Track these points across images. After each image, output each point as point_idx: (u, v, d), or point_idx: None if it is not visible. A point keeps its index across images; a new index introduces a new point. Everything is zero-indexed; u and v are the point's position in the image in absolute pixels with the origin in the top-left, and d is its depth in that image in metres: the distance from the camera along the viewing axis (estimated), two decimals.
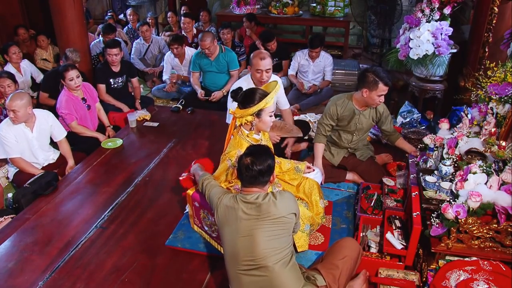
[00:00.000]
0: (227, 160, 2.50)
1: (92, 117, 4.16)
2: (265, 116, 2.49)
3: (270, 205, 1.97)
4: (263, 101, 2.42)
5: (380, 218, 2.72)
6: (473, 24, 4.22)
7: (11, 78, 4.10)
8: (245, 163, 2.01)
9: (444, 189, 2.41)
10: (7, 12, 6.30)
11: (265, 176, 2.03)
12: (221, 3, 8.14)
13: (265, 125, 2.54)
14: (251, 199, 2.00)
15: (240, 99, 2.47)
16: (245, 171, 2.02)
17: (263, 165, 2.00)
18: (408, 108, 4.23)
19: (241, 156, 2.06)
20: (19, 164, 3.39)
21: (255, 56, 3.18)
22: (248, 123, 2.49)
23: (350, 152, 3.37)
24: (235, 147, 2.51)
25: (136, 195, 3.17)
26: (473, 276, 2.13)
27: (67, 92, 3.94)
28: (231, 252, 2.01)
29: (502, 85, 2.58)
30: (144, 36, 6.01)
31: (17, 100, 3.21)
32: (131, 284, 2.37)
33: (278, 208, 1.98)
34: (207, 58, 4.77)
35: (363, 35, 7.54)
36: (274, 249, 1.94)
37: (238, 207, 2.00)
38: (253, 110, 2.43)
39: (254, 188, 2.05)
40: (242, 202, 2.00)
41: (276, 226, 1.97)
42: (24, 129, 3.37)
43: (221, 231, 2.07)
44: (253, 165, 1.99)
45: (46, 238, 2.72)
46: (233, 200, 2.05)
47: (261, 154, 2.04)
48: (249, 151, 2.08)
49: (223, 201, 2.08)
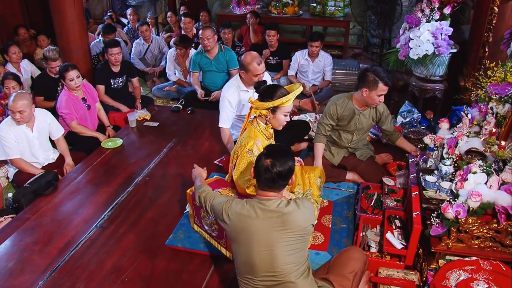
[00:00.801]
0: (248, 153, 2.52)
1: (92, 117, 4.17)
2: (280, 114, 2.55)
3: (294, 216, 1.84)
4: (280, 99, 2.47)
5: (380, 218, 2.72)
6: (473, 24, 4.22)
7: (16, 80, 4.13)
8: (264, 165, 1.88)
9: (444, 189, 2.41)
10: (7, 12, 6.30)
11: (284, 179, 1.90)
12: (221, 3, 8.14)
13: (277, 123, 2.59)
14: (271, 206, 1.86)
15: (261, 91, 2.54)
16: (264, 173, 1.88)
17: (284, 167, 1.87)
18: (408, 108, 4.23)
19: (260, 156, 1.93)
20: (19, 165, 3.39)
21: (251, 62, 3.22)
22: (263, 117, 2.56)
23: (350, 151, 3.37)
24: (251, 137, 2.55)
25: (136, 195, 3.17)
26: (473, 275, 2.13)
27: (67, 92, 3.94)
28: (246, 262, 1.90)
29: (502, 85, 2.58)
30: (144, 36, 6.02)
31: (22, 100, 3.23)
32: (131, 284, 2.37)
33: (301, 219, 1.86)
34: (207, 57, 4.78)
35: (363, 35, 7.54)
36: (295, 264, 1.86)
37: (256, 216, 1.85)
38: (268, 105, 2.49)
39: (271, 193, 1.92)
40: (261, 210, 1.86)
41: (297, 238, 1.86)
42: (24, 130, 3.38)
43: (234, 240, 1.95)
44: (274, 166, 1.86)
45: (46, 238, 2.72)
46: (249, 207, 1.89)
47: (282, 156, 1.90)
48: (269, 151, 1.95)
49: (233, 208, 1.92)
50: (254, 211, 1.87)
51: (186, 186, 2.74)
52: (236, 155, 2.62)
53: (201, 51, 4.82)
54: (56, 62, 4.28)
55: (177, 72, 5.49)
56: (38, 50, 5.83)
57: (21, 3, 6.48)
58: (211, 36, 4.65)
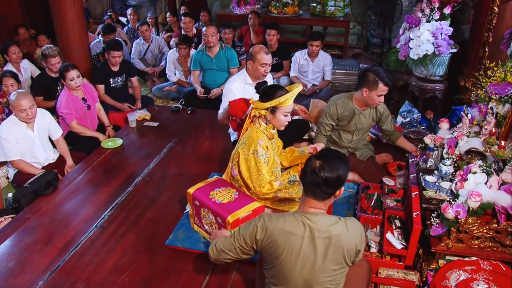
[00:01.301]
0: (254, 153, 2.53)
1: (92, 117, 4.17)
2: (280, 114, 2.55)
3: (342, 239, 1.69)
4: (278, 99, 2.48)
5: (380, 218, 2.72)
6: (473, 24, 4.22)
7: (14, 77, 4.13)
8: (312, 166, 1.71)
9: (444, 189, 2.41)
10: (7, 12, 6.31)
11: (329, 187, 1.71)
12: (221, 3, 8.14)
13: (278, 123, 2.60)
14: (319, 223, 1.69)
15: (261, 92, 2.56)
16: (309, 174, 1.71)
17: (332, 173, 1.68)
18: (408, 108, 4.23)
19: (311, 157, 1.78)
20: (19, 166, 3.39)
21: (259, 51, 3.34)
22: (263, 117, 2.58)
23: (350, 152, 3.37)
24: (253, 138, 2.56)
25: (136, 195, 3.17)
26: (473, 276, 2.13)
27: (67, 92, 3.94)
28: (280, 276, 1.76)
29: (502, 85, 2.59)
30: (144, 36, 6.02)
31: (27, 98, 3.26)
32: (131, 284, 2.37)
33: (349, 242, 1.72)
34: (208, 55, 4.80)
35: (363, 35, 7.54)
36: (335, 284, 1.77)
37: (301, 234, 1.69)
38: (266, 105, 2.51)
39: (315, 201, 1.74)
40: (307, 227, 1.69)
41: (342, 261, 1.74)
42: (25, 130, 3.38)
43: (269, 255, 1.77)
44: (321, 170, 1.68)
45: (46, 238, 2.72)
46: (291, 220, 1.72)
47: (334, 161, 1.72)
48: (322, 153, 1.80)
49: (275, 224, 1.72)
50: (299, 227, 1.70)
51: (186, 186, 2.73)
52: (237, 155, 2.62)
53: (202, 50, 4.83)
54: (56, 58, 4.29)
55: (177, 72, 5.49)
56: (38, 50, 5.82)
57: (21, 3, 6.48)
58: (215, 33, 4.71)
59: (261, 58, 3.33)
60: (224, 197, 2.49)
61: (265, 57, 3.34)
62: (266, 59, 3.35)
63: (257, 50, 3.36)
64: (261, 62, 3.34)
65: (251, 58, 3.40)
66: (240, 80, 3.48)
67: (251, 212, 2.40)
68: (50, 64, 4.31)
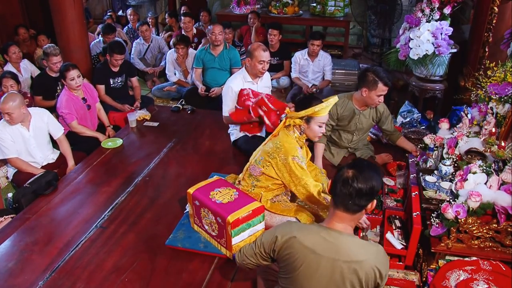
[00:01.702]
0: (294, 159, 2.50)
1: (92, 117, 4.17)
2: (314, 124, 2.53)
3: (365, 266, 1.58)
4: (312, 108, 2.45)
5: (380, 218, 2.72)
6: (473, 24, 4.22)
7: (14, 78, 4.13)
8: (344, 175, 1.62)
9: (444, 189, 2.42)
10: (7, 12, 6.30)
11: (362, 199, 1.60)
12: (221, 3, 8.14)
13: (312, 133, 2.58)
14: (345, 247, 1.59)
15: (296, 101, 2.55)
16: (341, 184, 1.61)
17: (366, 184, 1.58)
18: (408, 108, 4.23)
19: (343, 167, 1.68)
20: (17, 164, 3.39)
21: (257, 49, 3.37)
22: (298, 127, 2.56)
23: (350, 152, 3.37)
24: (291, 144, 2.54)
25: (136, 195, 3.17)
26: (473, 276, 2.13)
27: (67, 92, 3.94)
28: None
29: (502, 85, 2.59)
30: (144, 36, 6.02)
31: (9, 102, 3.21)
32: (131, 284, 2.37)
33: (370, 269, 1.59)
34: (211, 54, 4.82)
35: (363, 35, 7.54)
36: None
37: (325, 253, 1.59)
38: (301, 115, 2.49)
39: (345, 214, 1.63)
40: (329, 246, 1.59)
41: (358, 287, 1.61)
42: (20, 129, 3.37)
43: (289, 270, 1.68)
44: (354, 180, 1.58)
45: (46, 238, 2.72)
46: (319, 238, 1.61)
47: (368, 171, 1.62)
48: (354, 163, 1.70)
49: (297, 237, 1.63)
50: (321, 244, 1.61)
51: (186, 186, 2.74)
52: (268, 158, 2.57)
53: (206, 48, 4.85)
54: (57, 57, 4.29)
55: (177, 72, 5.49)
56: (38, 50, 5.83)
57: (21, 3, 6.48)
58: (222, 32, 4.74)
59: (259, 55, 3.35)
60: (224, 197, 2.49)
61: (263, 54, 3.36)
62: (263, 56, 3.36)
63: (255, 47, 3.38)
64: (259, 59, 3.36)
65: (249, 55, 3.43)
66: (239, 78, 3.52)
67: (251, 212, 2.41)
68: (51, 63, 4.31)
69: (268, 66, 3.47)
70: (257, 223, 2.48)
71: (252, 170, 2.68)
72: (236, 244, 2.42)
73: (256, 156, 2.68)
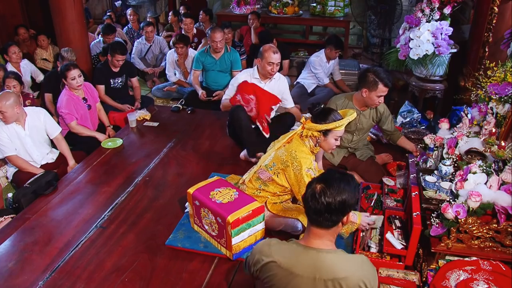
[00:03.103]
0: (308, 171, 2.48)
1: (93, 117, 4.17)
2: (331, 138, 2.52)
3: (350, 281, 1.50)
4: (334, 123, 2.44)
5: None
6: (473, 24, 4.22)
7: (17, 79, 4.14)
8: (312, 190, 1.53)
9: (444, 189, 2.41)
10: (7, 12, 6.30)
11: (333, 215, 1.51)
12: (221, 3, 8.14)
13: (327, 146, 2.57)
14: (327, 264, 1.50)
15: (315, 113, 2.50)
16: (310, 200, 1.52)
17: (335, 198, 1.49)
18: (408, 108, 4.23)
19: (312, 181, 1.59)
20: (16, 162, 3.39)
21: (268, 50, 3.44)
22: (314, 138, 2.54)
23: (350, 152, 3.37)
24: (306, 153, 2.52)
25: (136, 195, 3.17)
26: (473, 276, 2.13)
27: (68, 92, 3.94)
28: None
29: (502, 85, 2.58)
30: (148, 36, 6.03)
31: (2, 101, 3.21)
32: (131, 284, 2.37)
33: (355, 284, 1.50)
34: (212, 56, 4.78)
35: (363, 35, 7.54)
36: None
37: (302, 275, 1.50)
38: (321, 127, 2.46)
39: (321, 231, 1.55)
40: (312, 267, 1.50)
41: None
42: (15, 127, 3.37)
43: None
44: (322, 194, 1.49)
45: (46, 238, 2.72)
46: (297, 257, 1.53)
47: (338, 184, 1.52)
48: (324, 176, 1.60)
49: (276, 261, 1.54)
50: (299, 265, 1.52)
51: (186, 186, 2.74)
52: (281, 165, 2.55)
53: (206, 50, 4.81)
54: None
55: (177, 72, 5.49)
56: (38, 50, 5.83)
57: (21, 3, 6.48)
58: (223, 39, 4.69)
59: (269, 57, 3.42)
60: (224, 197, 2.49)
61: (272, 56, 3.42)
62: (273, 59, 3.43)
63: (266, 49, 3.45)
64: (268, 60, 3.43)
65: (259, 56, 3.50)
66: (248, 73, 3.62)
67: (251, 212, 2.41)
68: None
69: (278, 68, 3.51)
70: (257, 223, 2.48)
71: (260, 174, 2.67)
72: (236, 244, 2.42)
73: (267, 161, 2.66)
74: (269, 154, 2.69)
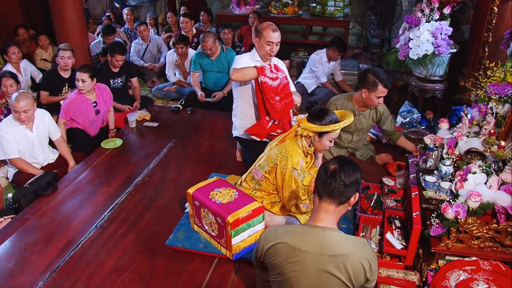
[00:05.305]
0: (293, 170, 2.48)
1: (97, 121, 4.14)
2: (326, 139, 2.50)
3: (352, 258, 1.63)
4: (332, 126, 2.42)
5: (380, 218, 2.72)
6: (473, 24, 4.22)
7: (13, 77, 4.14)
8: (330, 168, 1.70)
9: (444, 189, 2.41)
10: (7, 12, 6.30)
11: (347, 188, 1.68)
12: (221, 3, 8.14)
13: (321, 147, 2.56)
14: (327, 237, 1.65)
15: (312, 112, 2.47)
16: (328, 177, 1.69)
17: (350, 176, 1.68)
18: (408, 108, 4.23)
19: (326, 162, 1.76)
20: (18, 165, 3.39)
21: (266, 28, 3.04)
22: (308, 138, 2.52)
23: (350, 152, 3.37)
24: (296, 153, 2.51)
25: (136, 195, 3.17)
26: (473, 276, 2.13)
27: (77, 93, 3.96)
28: None
29: (502, 85, 2.58)
30: (142, 36, 6.03)
31: (26, 100, 3.24)
32: (131, 284, 2.37)
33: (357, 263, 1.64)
34: (209, 58, 4.78)
35: (363, 35, 7.54)
36: None
37: (309, 251, 1.63)
38: (317, 129, 2.43)
39: (329, 208, 1.70)
40: (317, 244, 1.63)
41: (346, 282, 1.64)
42: (24, 130, 3.38)
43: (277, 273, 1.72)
44: (341, 171, 1.68)
45: (46, 238, 2.72)
46: (302, 237, 1.67)
47: (350, 165, 1.72)
48: (336, 160, 1.77)
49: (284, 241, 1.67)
50: (305, 242, 1.65)
51: (186, 186, 2.74)
52: (273, 164, 2.56)
53: (202, 52, 4.81)
54: (67, 52, 4.40)
55: (177, 73, 5.49)
56: (38, 50, 5.83)
57: (21, 3, 6.47)
58: (213, 45, 4.64)
59: (267, 35, 3.02)
60: (224, 197, 2.49)
61: (271, 35, 3.02)
62: (272, 37, 3.02)
63: (264, 27, 3.06)
64: (267, 39, 3.02)
65: (258, 35, 3.12)
66: (248, 56, 3.27)
67: (251, 212, 2.41)
68: (60, 57, 4.38)
69: (277, 48, 3.13)
70: (257, 223, 2.48)
71: (254, 174, 2.68)
72: (236, 244, 2.42)
73: (261, 161, 2.67)
74: (264, 155, 2.70)
